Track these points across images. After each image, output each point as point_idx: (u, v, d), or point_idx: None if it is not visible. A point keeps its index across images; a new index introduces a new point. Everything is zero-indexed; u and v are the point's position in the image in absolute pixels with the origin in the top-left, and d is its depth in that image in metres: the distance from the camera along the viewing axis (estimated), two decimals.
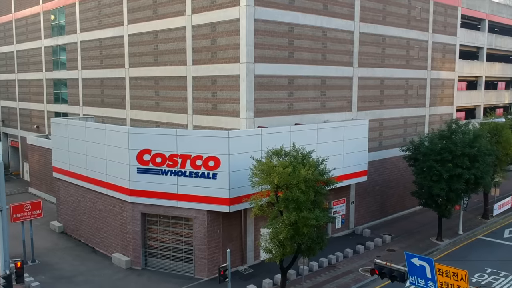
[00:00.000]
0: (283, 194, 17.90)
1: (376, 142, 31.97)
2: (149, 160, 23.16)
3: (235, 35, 24.08)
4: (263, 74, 24.52)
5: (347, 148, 27.67)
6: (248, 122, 24.12)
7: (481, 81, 46.51)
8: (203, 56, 26.06)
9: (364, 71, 30.35)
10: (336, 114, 28.84)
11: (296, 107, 26.47)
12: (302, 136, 24.89)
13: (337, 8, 28.00)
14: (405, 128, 34.41)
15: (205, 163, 22.21)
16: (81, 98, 36.74)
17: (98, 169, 26.19)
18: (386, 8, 31.46)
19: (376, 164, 31.93)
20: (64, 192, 29.90)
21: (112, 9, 32.46)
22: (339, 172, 27.02)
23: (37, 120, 43.56)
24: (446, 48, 37.40)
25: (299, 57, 26.20)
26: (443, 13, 36.54)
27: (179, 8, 27.14)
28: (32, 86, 43.85)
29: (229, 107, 24.89)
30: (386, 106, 32.47)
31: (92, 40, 34.80)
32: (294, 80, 26.15)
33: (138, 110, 31.04)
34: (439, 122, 37.59)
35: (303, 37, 26.25)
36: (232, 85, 24.58)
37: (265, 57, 24.50)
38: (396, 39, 32.54)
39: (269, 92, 24.96)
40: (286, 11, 25.21)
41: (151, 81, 29.77)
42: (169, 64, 28.35)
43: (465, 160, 26.37)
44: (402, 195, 34.65)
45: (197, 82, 26.63)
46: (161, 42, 28.76)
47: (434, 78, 36.40)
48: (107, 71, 33.55)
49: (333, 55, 28.18)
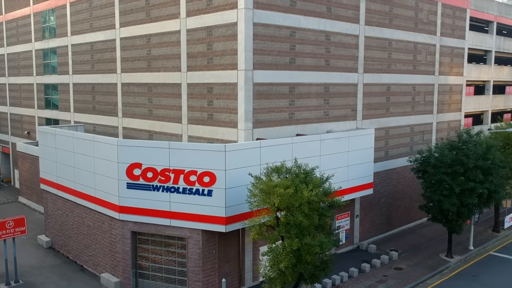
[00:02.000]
0: (285, 218, 16.22)
1: (382, 152, 30.29)
2: (139, 175, 21.50)
3: (233, 40, 22.42)
4: (263, 82, 22.85)
5: (352, 160, 26.02)
6: (246, 134, 22.45)
7: (489, 85, 44.82)
8: (199, 62, 24.39)
9: (369, 77, 28.69)
10: (340, 123, 27.17)
11: (298, 117, 24.80)
12: (304, 148, 23.26)
13: (341, 10, 26.33)
14: (412, 137, 32.74)
15: (199, 179, 20.54)
16: (72, 104, 35.07)
17: (87, 183, 24.53)
18: (393, 10, 29.80)
19: (381, 175, 30.26)
20: (52, 206, 28.23)
21: (103, 11, 30.80)
22: (343, 185, 25.47)
23: (28, 126, 41.89)
24: (454, 52, 35.73)
25: (301, 63, 24.54)
26: (451, 16, 34.87)
27: (173, 10, 25.48)
28: (23, 90, 42.20)
29: (226, 117, 23.22)
30: (392, 114, 30.80)
31: (83, 44, 33.14)
32: (296, 88, 24.49)
33: (131, 118, 29.36)
34: (446, 129, 35.95)
35: (305, 41, 24.58)
36: (229, 93, 22.91)
37: (264, 63, 22.83)
38: (403, 43, 30.87)
39: (269, 101, 23.29)
40: (287, 14, 23.54)
41: (144, 87, 28.11)
42: (162, 70, 26.68)
43: (478, 173, 24.72)
44: (408, 206, 33.00)
45: (192, 90, 24.96)
46: (154, 46, 27.09)
47: (441, 84, 34.73)
48: (98, 76, 31.89)
49: (337, 60, 26.51)
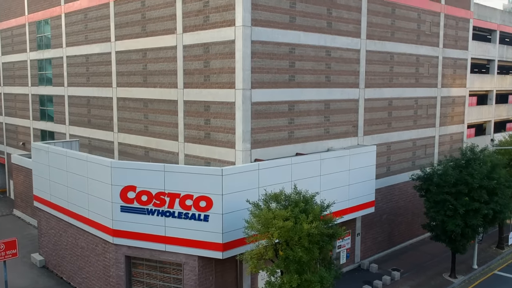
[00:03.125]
0: (284, 252, 15.51)
1: (384, 168, 29.59)
2: (133, 198, 20.79)
3: (230, 58, 21.72)
4: (261, 100, 22.16)
5: (353, 178, 25.32)
6: (245, 155, 21.75)
7: (491, 95, 44.15)
8: (195, 79, 23.70)
9: (371, 92, 27.99)
10: (341, 140, 26.47)
11: (298, 135, 24.10)
12: (304, 168, 22.58)
13: (342, 25, 25.63)
14: (414, 151, 32.05)
15: (195, 204, 19.83)
16: (67, 117, 34.37)
17: (80, 203, 23.82)
18: (395, 23, 29.10)
19: (383, 191, 29.56)
20: (46, 224, 27.53)
21: (98, 24, 30.10)
22: (344, 205, 24.91)
23: (23, 137, 41.18)
24: (457, 63, 35.04)
25: (300, 80, 23.84)
26: (454, 26, 34.19)
27: (170, 25, 24.79)
28: (18, 100, 41.50)
29: (223, 137, 22.52)
30: (394, 129, 30.10)
31: (79, 56, 32.44)
32: (296, 106, 23.79)
33: (126, 133, 28.65)
34: (449, 142, 35.26)
35: (305, 58, 23.89)
36: (227, 112, 22.21)
37: (263, 82, 22.13)
38: (405, 56, 30.18)
39: (268, 120, 22.59)
40: (287, 31, 22.84)
41: (140, 103, 27.41)
42: (158, 86, 25.99)
43: (483, 193, 24.03)
44: (410, 222, 32.31)
45: (188, 107, 24.26)
46: (150, 61, 26.39)
47: (444, 96, 34.04)
48: (93, 90, 31.18)
49: (338, 76, 25.81)
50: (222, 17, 21.86)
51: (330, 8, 24.80)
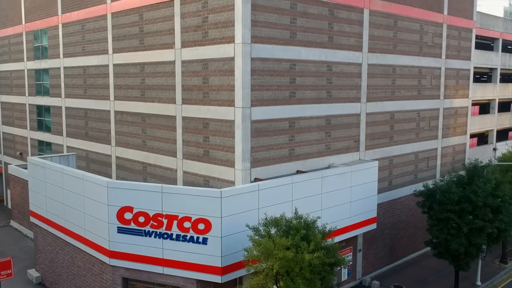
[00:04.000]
0: (284, 283, 15.07)
1: (386, 182, 29.14)
2: (130, 219, 20.35)
3: (230, 76, 21.26)
4: (261, 118, 21.70)
5: (354, 195, 24.87)
6: (244, 174, 21.29)
7: (494, 103, 43.70)
8: (194, 95, 23.24)
9: (372, 106, 27.54)
10: (343, 155, 26.01)
11: (298, 152, 23.64)
12: (305, 187, 22.16)
13: (343, 39, 25.17)
14: (416, 164, 31.59)
15: (194, 226, 19.39)
16: (65, 128, 33.91)
17: (76, 222, 23.39)
18: (397, 35, 28.64)
19: (385, 206, 29.12)
20: (42, 241, 27.09)
21: (96, 35, 29.64)
22: (346, 222, 24.53)
23: (21, 147, 40.75)
24: (460, 74, 34.58)
25: (301, 97, 23.39)
26: (456, 37, 33.73)
27: (168, 40, 24.32)
28: (15, 110, 41.05)
29: (222, 155, 22.06)
30: (396, 142, 29.64)
31: (76, 67, 31.98)
32: (296, 123, 23.33)
33: (124, 147, 28.19)
34: (452, 153, 34.80)
35: (306, 74, 23.43)
36: (226, 131, 21.75)
37: (263, 99, 21.67)
38: (407, 68, 29.73)
39: (268, 138, 22.13)
40: (287, 47, 22.38)
41: (138, 117, 26.95)
42: (157, 101, 25.53)
43: (487, 211, 23.57)
44: (412, 236, 31.86)
45: (187, 124, 23.80)
46: (148, 75, 25.94)
47: (447, 108, 33.58)
48: (91, 102, 30.73)
49: (339, 91, 25.36)
50: (221, 33, 21.40)
51: (331, 22, 24.34)
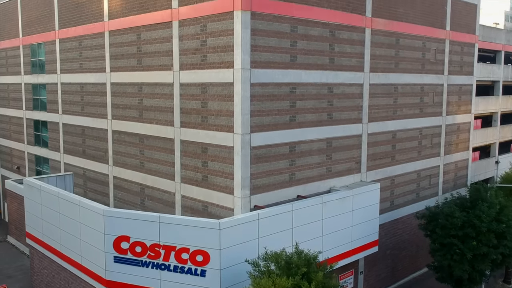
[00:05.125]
0: None
1: (387, 203, 28.69)
2: (127, 249, 19.90)
3: (229, 101, 20.82)
4: (261, 144, 21.25)
5: (356, 219, 24.43)
6: (244, 202, 20.84)
7: (496, 116, 43.24)
8: (193, 119, 22.79)
9: (374, 126, 27.09)
10: (344, 178, 25.56)
11: (299, 176, 23.19)
12: (306, 213, 21.72)
13: (345, 60, 24.73)
14: (418, 182, 31.13)
15: (192, 257, 18.94)
16: (62, 145, 33.47)
17: (72, 248, 22.96)
18: (399, 53, 28.19)
19: (386, 226, 28.67)
20: (38, 263, 26.66)
21: (93, 53, 29.19)
22: (347, 247, 24.09)
23: (18, 161, 40.30)
24: (462, 89, 34.14)
25: (302, 120, 22.94)
26: (459, 52, 33.28)
27: (166, 61, 23.88)
28: (13, 123, 40.61)
29: (221, 182, 21.61)
30: (398, 161, 29.19)
31: (73, 84, 31.54)
32: (297, 147, 22.89)
33: (122, 167, 27.74)
34: (454, 170, 34.35)
35: (306, 97, 22.99)
36: (225, 157, 21.30)
37: (263, 125, 21.23)
38: (409, 87, 29.28)
39: (268, 163, 21.68)
40: (287, 70, 21.94)
41: (136, 138, 26.50)
42: (155, 122, 25.09)
43: (492, 237, 23.14)
44: (414, 255, 31.41)
45: (185, 147, 23.36)
46: (146, 96, 25.50)
47: (449, 124, 33.13)
48: (88, 120, 30.28)
49: (340, 112, 24.91)
50: (220, 58, 20.96)
51: (332, 43, 23.89)
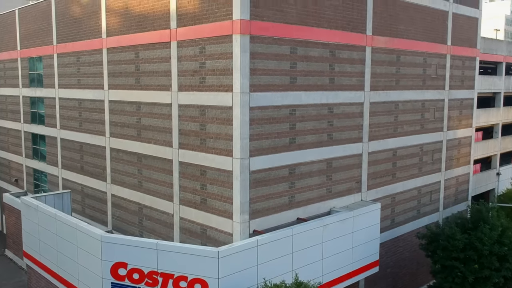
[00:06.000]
0: None
1: (388, 221, 28.43)
2: (125, 275, 19.66)
3: (227, 125, 20.56)
4: (260, 168, 20.98)
5: (356, 240, 24.18)
6: (243, 227, 20.58)
7: (497, 128, 43.01)
8: (191, 141, 22.54)
9: (375, 145, 26.83)
10: (344, 198, 25.30)
11: (299, 199, 22.93)
12: (306, 237, 21.48)
13: (345, 79, 24.48)
14: (419, 199, 30.88)
15: (190, 286, 18.69)
16: (60, 160, 33.20)
17: (70, 270, 22.72)
18: (400, 70, 27.94)
19: (387, 245, 28.41)
20: (36, 283, 26.41)
21: (91, 69, 28.94)
22: (348, 269, 23.86)
23: (16, 173, 40.04)
24: (463, 103, 33.88)
25: (302, 142, 22.68)
26: (460, 67, 33.01)
27: (164, 81, 23.63)
28: (11, 135, 40.35)
29: (220, 205, 21.34)
30: (399, 179, 28.92)
31: (71, 99, 31.28)
32: (296, 169, 22.62)
33: (120, 186, 27.48)
34: (455, 185, 34.09)
35: (306, 118, 22.73)
36: (224, 181, 21.04)
37: (262, 148, 20.97)
38: (410, 103, 29.02)
39: (267, 187, 21.42)
40: (287, 92, 21.69)
41: (134, 157, 26.24)
42: (153, 142, 24.83)
43: (494, 260, 22.89)
44: (415, 272, 31.14)
45: (184, 169, 23.09)
46: (144, 115, 25.24)
47: (450, 139, 32.87)
48: (86, 136, 30.02)
49: (341, 132, 24.66)
50: (219, 80, 20.71)
51: (332, 63, 23.64)
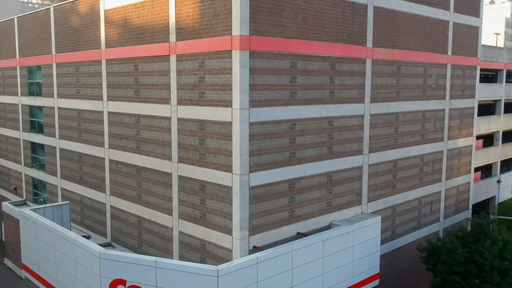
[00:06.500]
0: None
1: (388, 232, 28.31)
2: None
3: (227, 140, 20.43)
4: (260, 184, 20.86)
5: (356, 254, 24.04)
6: (242, 243, 20.45)
7: (498, 135, 42.89)
8: (191, 155, 22.41)
9: (375, 157, 26.69)
10: (344, 211, 25.18)
11: (299, 213, 22.80)
12: (306, 252, 21.34)
13: (345, 92, 24.35)
14: (420, 210, 30.74)
15: None
16: (59, 170, 33.07)
17: (68, 286, 22.58)
18: (400, 81, 27.81)
19: (387, 256, 28.27)
20: None
21: (90, 80, 28.82)
22: (348, 283, 23.71)
23: (15, 181, 39.90)
24: (464, 112, 33.75)
25: (301, 156, 22.55)
26: (461, 76, 32.89)
27: (164, 95, 23.50)
28: (10, 143, 40.23)
29: (219, 221, 21.21)
30: (399, 191, 28.79)
31: (70, 109, 31.16)
32: (296, 183, 22.50)
33: (119, 198, 27.36)
34: (455, 194, 33.96)
35: (306, 132, 22.60)
36: (223, 196, 20.92)
37: (262, 164, 20.84)
38: (410, 114, 28.89)
39: (267, 202, 21.30)
40: (287, 107, 21.56)
41: (133, 169, 26.12)
42: (152, 155, 24.70)
43: (495, 274, 22.78)
44: (415, 284, 30.98)
45: (183, 183, 22.97)
46: (143, 128, 25.12)
47: (450, 149, 32.73)
48: (85, 147, 29.90)
49: (341, 145, 24.53)
50: (219, 95, 20.58)
51: (332, 76, 23.51)
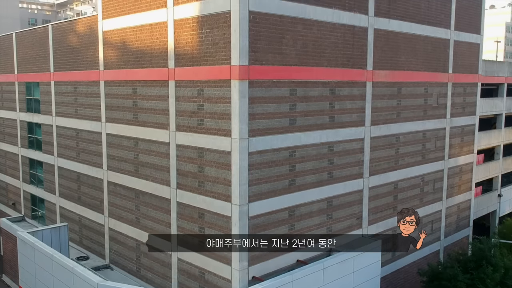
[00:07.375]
0: None
1: (389, 254, 28.08)
2: None
3: (226, 170, 20.22)
4: (259, 213, 20.66)
5: (357, 280, 23.84)
6: (241, 274, 20.25)
7: (499, 149, 42.64)
8: (189, 182, 22.20)
9: (375, 180, 26.49)
10: (345, 235, 24.95)
11: (298, 241, 22.57)
12: (305, 281, 21.16)
13: (345, 116, 24.15)
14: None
15: None
16: (57, 188, 32.87)
17: None
18: (401, 103, 27.60)
19: (388, 278, 28.08)
20: None
21: (88, 100, 28.62)
22: None
23: (14, 197, 39.71)
24: (465, 130, 33.55)
25: (301, 183, 22.34)
26: (462, 94, 32.69)
27: (162, 120, 23.30)
28: (8, 158, 40.01)
29: (218, 250, 21.00)
30: None
31: (68, 128, 30.95)
32: (296, 210, 22.29)
33: (117, 220, 27.15)
34: (456, 212, 33.76)
35: (306, 159, 22.39)
36: (222, 225, 20.72)
37: (261, 193, 20.63)
38: (411, 135, 28.67)
39: (266, 231, 21.09)
40: (286, 134, 21.35)
41: (131, 192, 25.91)
42: (150, 180, 24.49)
43: None
44: None
45: (182, 210, 22.77)
46: (142, 152, 24.91)
47: (451, 167, 32.52)
48: (84, 167, 29.69)
49: (341, 170, 24.32)
50: (218, 124, 20.38)
51: (332, 101, 23.31)
